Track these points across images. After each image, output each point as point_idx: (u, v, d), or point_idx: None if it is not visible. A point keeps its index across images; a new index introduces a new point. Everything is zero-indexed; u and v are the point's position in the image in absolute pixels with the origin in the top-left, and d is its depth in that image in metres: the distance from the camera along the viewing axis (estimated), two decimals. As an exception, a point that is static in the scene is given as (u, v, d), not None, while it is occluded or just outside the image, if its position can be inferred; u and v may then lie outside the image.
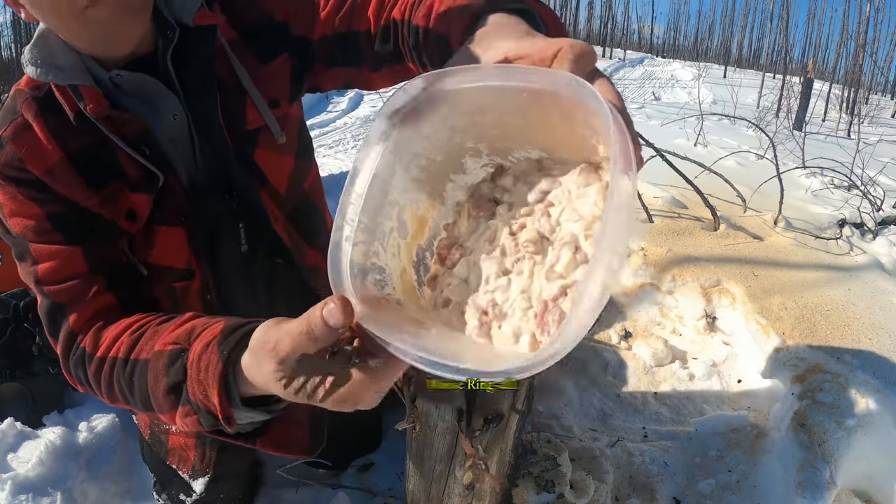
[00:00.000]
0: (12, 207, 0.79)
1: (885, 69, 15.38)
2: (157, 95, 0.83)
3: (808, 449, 1.38)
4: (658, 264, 2.09)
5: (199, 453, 1.20)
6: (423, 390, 0.97)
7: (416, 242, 0.54)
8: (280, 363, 0.49)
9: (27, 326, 1.71)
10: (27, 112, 0.79)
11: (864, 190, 2.76)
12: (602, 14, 27.39)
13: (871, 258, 2.26)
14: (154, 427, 1.21)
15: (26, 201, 0.79)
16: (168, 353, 0.67)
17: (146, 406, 0.71)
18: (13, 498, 1.28)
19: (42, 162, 0.79)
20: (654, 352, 1.84)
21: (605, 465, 1.33)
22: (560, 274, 0.46)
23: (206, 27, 0.83)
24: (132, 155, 0.81)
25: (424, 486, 1.10)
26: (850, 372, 1.56)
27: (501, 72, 0.45)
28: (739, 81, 10.17)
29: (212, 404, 0.60)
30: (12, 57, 10.57)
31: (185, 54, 0.83)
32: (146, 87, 0.81)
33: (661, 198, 2.65)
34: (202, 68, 0.85)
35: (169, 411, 0.68)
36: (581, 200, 0.47)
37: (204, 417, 0.63)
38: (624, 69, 14.59)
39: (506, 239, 0.50)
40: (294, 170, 1.01)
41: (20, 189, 0.79)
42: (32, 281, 0.80)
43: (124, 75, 0.79)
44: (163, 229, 0.88)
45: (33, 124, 0.79)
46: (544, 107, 0.46)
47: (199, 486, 1.22)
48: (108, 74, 0.79)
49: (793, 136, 4.18)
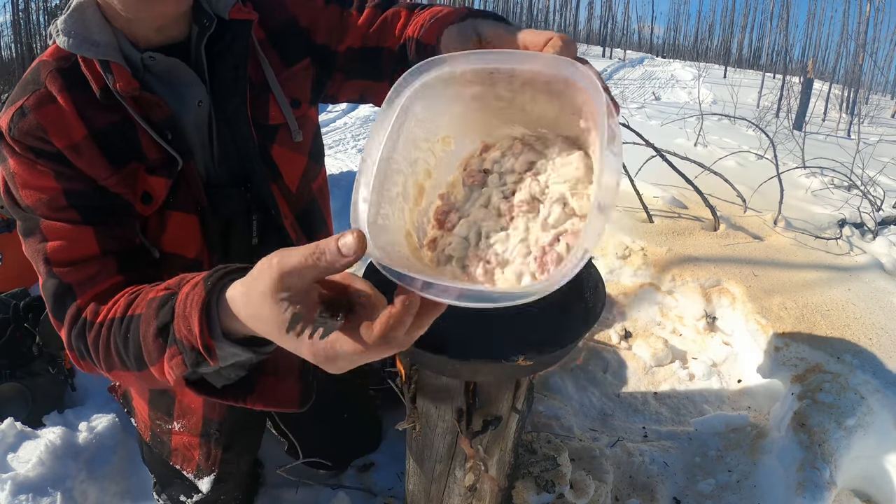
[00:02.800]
0: (27, 178, 0.77)
1: (885, 69, 15.37)
2: (185, 82, 0.84)
3: (808, 449, 1.38)
4: (658, 264, 2.09)
5: (203, 452, 1.20)
6: (423, 390, 0.97)
7: (416, 208, 0.58)
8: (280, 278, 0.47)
9: (27, 326, 1.71)
10: (52, 84, 0.78)
11: (864, 190, 2.76)
12: (602, 14, 27.38)
13: (871, 258, 2.26)
14: (155, 428, 1.20)
15: (44, 173, 0.77)
16: (159, 298, 0.67)
17: (138, 362, 0.69)
18: (13, 498, 1.28)
19: (66, 135, 0.78)
20: (654, 352, 1.84)
21: (605, 465, 1.33)
22: (553, 225, 0.51)
23: (241, 22, 0.86)
24: (155, 138, 0.81)
25: (424, 486, 1.10)
26: (850, 372, 1.56)
27: (505, 56, 0.51)
28: (739, 81, 10.18)
29: (193, 336, 0.59)
30: (12, 57, 10.58)
31: (219, 47, 0.85)
32: (176, 71, 0.82)
33: (661, 198, 2.65)
34: (235, 63, 0.87)
35: (157, 359, 0.66)
36: (565, 167, 0.53)
37: (188, 355, 0.61)
38: (624, 69, 14.58)
39: (500, 202, 0.55)
40: (306, 169, 1.02)
41: (40, 160, 0.77)
42: (41, 259, 0.77)
43: (157, 57, 0.80)
44: (177, 215, 0.87)
45: (58, 97, 0.78)
46: (537, 87, 0.52)
47: (205, 484, 1.21)
48: (140, 55, 0.80)
49: (793, 136, 4.19)
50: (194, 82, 0.84)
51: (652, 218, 2.41)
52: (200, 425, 1.16)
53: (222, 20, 0.85)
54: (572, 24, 27.39)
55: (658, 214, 2.46)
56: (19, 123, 0.76)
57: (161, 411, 1.16)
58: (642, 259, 2.12)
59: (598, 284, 0.98)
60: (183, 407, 1.14)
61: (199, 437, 1.18)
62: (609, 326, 1.96)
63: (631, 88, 10.59)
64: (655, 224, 2.37)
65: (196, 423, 1.16)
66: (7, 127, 0.77)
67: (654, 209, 2.50)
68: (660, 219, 2.42)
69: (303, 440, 1.33)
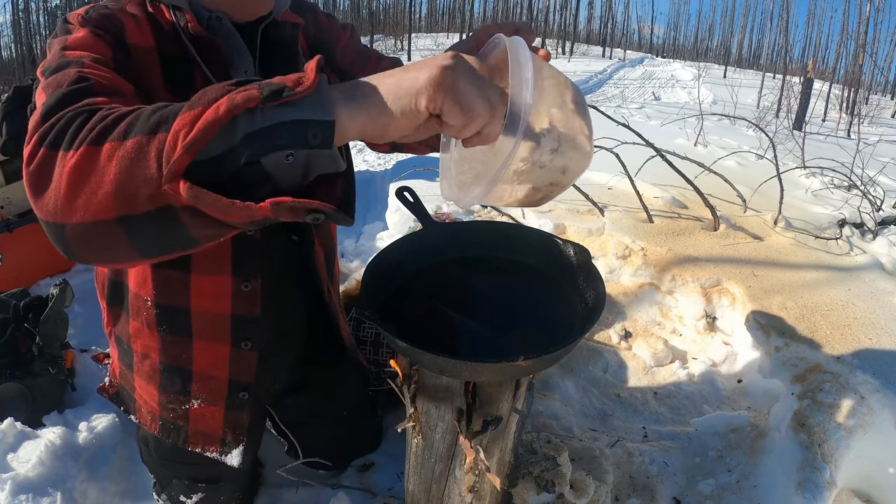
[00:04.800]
0: (83, 43, 0.76)
1: (885, 69, 15.38)
2: (239, 49, 0.92)
3: (808, 449, 1.38)
4: (658, 264, 2.09)
5: (229, 422, 1.15)
6: (423, 390, 0.97)
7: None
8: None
9: (27, 326, 1.71)
10: (131, 6, 0.86)
11: (864, 190, 2.76)
12: (602, 14, 27.39)
13: (871, 258, 2.26)
14: (168, 414, 1.13)
15: (107, 47, 0.78)
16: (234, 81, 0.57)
17: (160, 122, 0.54)
18: (13, 498, 1.28)
19: (138, 37, 0.84)
20: (654, 352, 1.84)
21: (605, 465, 1.33)
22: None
23: (290, 24, 0.98)
24: (210, 77, 0.88)
25: (424, 486, 1.10)
26: (850, 372, 1.56)
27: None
28: (739, 81, 10.18)
29: (305, 70, 0.54)
30: (12, 57, 10.58)
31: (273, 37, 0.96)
32: (234, 38, 0.91)
33: (661, 198, 2.65)
34: (287, 58, 0.98)
35: (209, 102, 0.52)
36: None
37: (269, 86, 0.52)
38: (624, 69, 14.58)
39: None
40: None
41: (108, 38, 0.80)
42: (74, 66, 0.69)
43: (224, 19, 0.89)
44: None
45: (137, 15, 0.86)
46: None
47: (236, 458, 1.17)
48: (208, 15, 0.89)
49: (793, 136, 4.19)
50: (246, 53, 0.93)
51: (652, 218, 2.41)
52: (226, 393, 1.12)
53: (275, 19, 0.96)
54: (572, 24, 27.38)
55: (658, 214, 2.46)
56: (101, 10, 0.83)
57: (175, 392, 1.10)
58: (642, 259, 2.12)
59: (598, 284, 0.98)
60: (203, 380, 1.09)
61: (225, 407, 1.13)
62: (609, 326, 1.96)
63: (631, 88, 10.59)
64: (655, 224, 2.37)
65: (221, 391, 1.11)
66: (84, 11, 0.82)
67: (654, 209, 2.50)
68: (660, 219, 2.42)
69: (303, 440, 1.33)
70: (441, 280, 1.09)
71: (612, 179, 2.85)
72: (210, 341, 1.07)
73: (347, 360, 1.36)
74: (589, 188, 2.59)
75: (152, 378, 1.11)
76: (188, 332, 1.05)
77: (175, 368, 1.08)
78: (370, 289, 0.95)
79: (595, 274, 1.00)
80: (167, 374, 1.09)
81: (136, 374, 1.13)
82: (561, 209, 2.54)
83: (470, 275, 1.13)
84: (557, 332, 0.96)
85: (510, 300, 1.06)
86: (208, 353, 1.08)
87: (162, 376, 1.10)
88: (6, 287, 1.92)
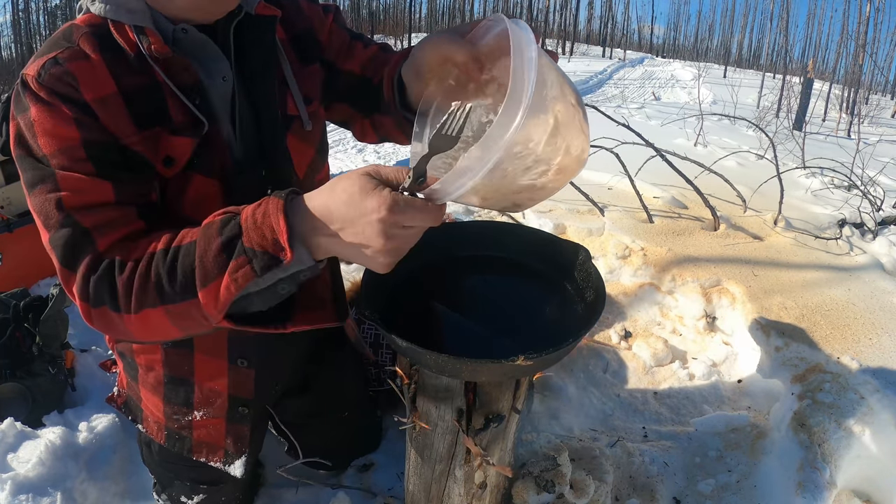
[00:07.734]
0: (48, 126, 0.76)
1: (885, 69, 15.38)
2: (212, 56, 0.88)
3: (808, 449, 1.38)
4: (658, 264, 2.09)
5: (231, 434, 1.17)
6: (423, 390, 0.97)
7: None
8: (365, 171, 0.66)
9: (27, 326, 1.71)
10: (85, 44, 0.80)
11: (864, 190, 2.76)
12: (602, 14, 27.40)
13: (871, 258, 2.26)
14: (172, 424, 1.16)
15: (66, 121, 0.77)
16: (219, 220, 0.71)
17: (185, 289, 0.71)
18: (13, 498, 1.28)
19: (96, 88, 0.79)
20: (654, 352, 1.84)
21: (605, 465, 1.33)
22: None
23: (266, 17, 0.93)
24: (182, 100, 0.84)
25: (424, 486, 1.10)
26: (850, 372, 1.56)
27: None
28: (739, 81, 10.18)
29: (273, 235, 0.67)
30: (12, 57, 10.58)
31: (250, 36, 0.92)
32: (205, 47, 0.86)
33: (661, 198, 2.65)
34: (264, 54, 0.94)
35: (216, 276, 0.69)
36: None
37: (258, 260, 0.67)
38: (624, 69, 14.59)
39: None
40: (312, 161, 1.05)
41: (65, 106, 0.77)
42: (53, 205, 0.75)
43: (189, 30, 0.84)
44: (198, 178, 0.88)
45: (91, 55, 0.80)
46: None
47: (238, 469, 1.19)
48: (172, 28, 0.84)
49: (793, 136, 4.18)
50: (220, 57, 0.88)
51: (652, 218, 2.41)
52: (227, 407, 1.14)
53: (248, 14, 0.91)
54: (572, 24, 27.38)
55: (658, 214, 2.46)
56: (51, 69, 0.77)
57: (178, 403, 1.13)
58: (642, 259, 2.12)
59: (598, 284, 0.98)
60: (205, 392, 1.12)
61: (226, 420, 1.16)
62: (609, 326, 1.96)
63: (631, 88, 10.59)
64: (655, 224, 2.37)
65: (222, 404, 1.14)
66: (37, 73, 0.77)
67: (654, 209, 2.50)
68: (660, 219, 2.43)
69: (303, 440, 1.33)
70: (440, 280, 1.09)
71: (612, 179, 2.85)
72: (209, 355, 1.08)
73: (348, 361, 1.36)
74: (589, 188, 2.59)
75: (157, 389, 1.13)
76: (189, 343, 1.07)
77: (178, 379, 1.10)
78: (369, 289, 0.95)
79: (595, 274, 1.00)
80: (171, 386, 1.11)
81: (142, 385, 1.14)
82: (561, 209, 2.55)
83: (470, 275, 1.13)
84: (557, 333, 0.96)
85: (510, 300, 1.06)
86: (209, 366, 1.09)
87: (166, 388, 1.12)
88: (6, 287, 1.92)
